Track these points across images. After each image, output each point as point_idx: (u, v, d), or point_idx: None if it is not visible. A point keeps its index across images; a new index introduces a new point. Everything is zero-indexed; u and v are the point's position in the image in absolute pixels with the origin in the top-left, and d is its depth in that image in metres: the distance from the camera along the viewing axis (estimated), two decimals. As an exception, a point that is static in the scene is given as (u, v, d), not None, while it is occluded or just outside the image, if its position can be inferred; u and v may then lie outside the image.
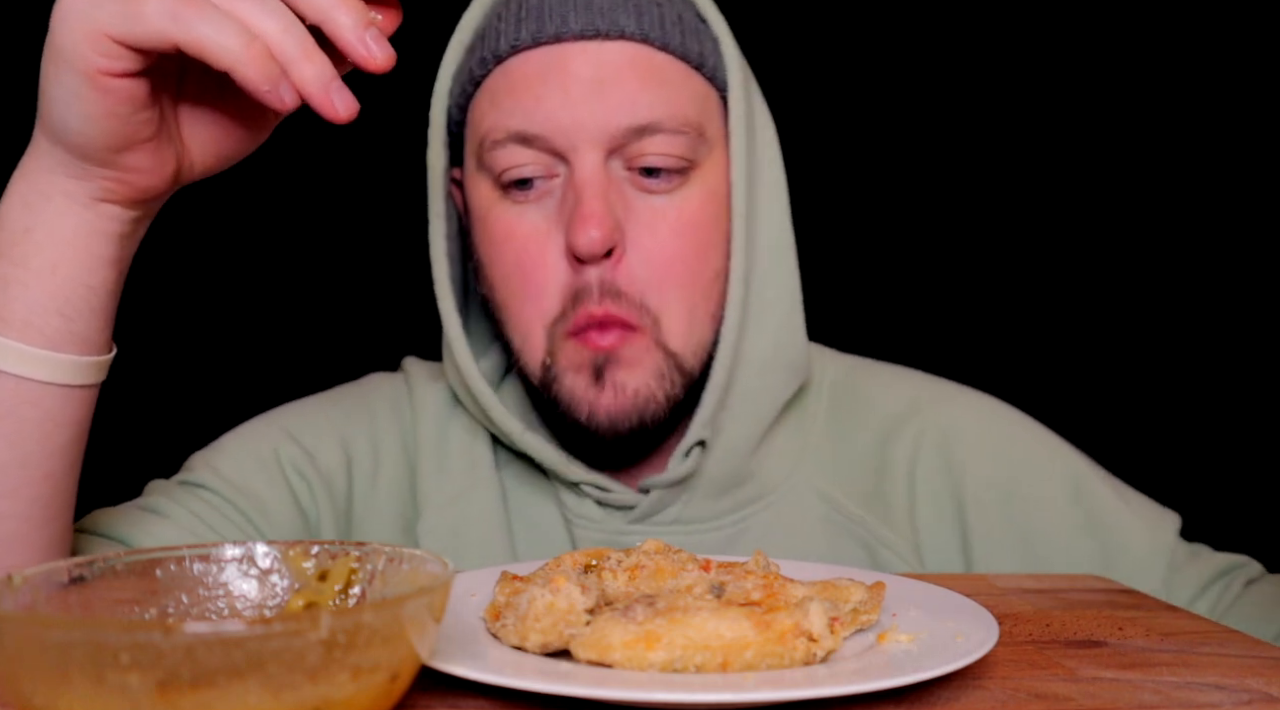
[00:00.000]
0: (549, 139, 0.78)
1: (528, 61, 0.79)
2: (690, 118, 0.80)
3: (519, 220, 0.80)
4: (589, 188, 0.77)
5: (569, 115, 0.77)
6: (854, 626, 0.57)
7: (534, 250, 0.79)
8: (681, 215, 0.80)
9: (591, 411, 0.80)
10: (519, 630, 0.53)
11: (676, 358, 0.81)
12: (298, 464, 0.89)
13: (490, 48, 0.81)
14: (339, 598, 0.53)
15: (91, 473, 0.72)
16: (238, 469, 0.87)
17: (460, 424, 0.92)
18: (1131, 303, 1.99)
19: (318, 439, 0.91)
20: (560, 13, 0.78)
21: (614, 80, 0.78)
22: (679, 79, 0.80)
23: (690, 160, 0.80)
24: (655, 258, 0.79)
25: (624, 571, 0.59)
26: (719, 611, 0.50)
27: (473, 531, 0.88)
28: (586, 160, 0.77)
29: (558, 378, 0.81)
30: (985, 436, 0.92)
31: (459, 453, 0.91)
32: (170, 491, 0.85)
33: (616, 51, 0.78)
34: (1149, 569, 0.86)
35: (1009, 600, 0.73)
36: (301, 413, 0.94)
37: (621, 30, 0.78)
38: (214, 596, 0.53)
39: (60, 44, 0.54)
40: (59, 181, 0.59)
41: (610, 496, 0.86)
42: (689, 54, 0.81)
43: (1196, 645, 0.62)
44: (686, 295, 0.81)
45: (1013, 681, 0.54)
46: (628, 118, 0.77)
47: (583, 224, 0.76)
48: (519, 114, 0.78)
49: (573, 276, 0.79)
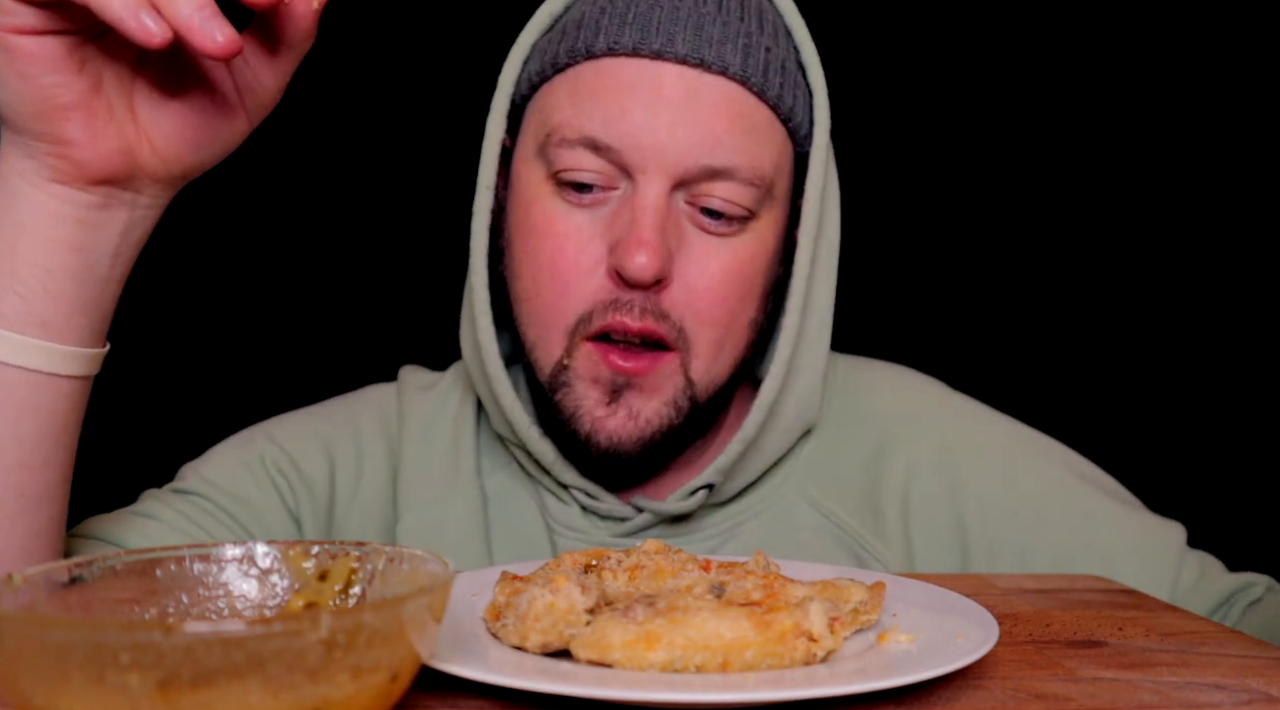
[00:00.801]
0: (622, 154, 0.75)
1: (622, 68, 0.76)
2: (765, 172, 0.78)
3: (564, 218, 0.78)
4: (650, 214, 0.74)
5: (650, 137, 0.74)
6: (854, 626, 0.57)
7: (572, 251, 0.77)
8: (733, 261, 0.78)
9: (594, 429, 0.78)
10: (519, 630, 0.53)
11: (694, 388, 0.80)
12: (280, 466, 0.89)
13: (585, 41, 0.77)
14: (339, 598, 0.53)
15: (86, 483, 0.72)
16: (227, 475, 0.88)
17: (444, 431, 0.91)
18: (1134, 308, 1.99)
19: (301, 445, 0.91)
20: (669, 30, 0.75)
21: (705, 116, 0.75)
22: (765, 129, 0.78)
23: (752, 212, 0.78)
24: (700, 294, 0.77)
25: (624, 571, 0.59)
26: (719, 611, 0.50)
27: (449, 535, 0.87)
28: (654, 185, 0.75)
29: (570, 384, 0.79)
30: (986, 452, 0.90)
31: (441, 459, 0.90)
32: (163, 498, 0.86)
33: (713, 86, 0.76)
34: (1151, 589, 0.85)
35: (1009, 600, 0.73)
36: (288, 422, 0.94)
37: (725, 67, 0.76)
38: (214, 596, 0.53)
39: None
40: (12, 162, 0.59)
41: (597, 505, 0.85)
42: (781, 105, 0.79)
43: (1196, 645, 0.62)
44: (720, 335, 0.79)
45: (1013, 681, 0.54)
46: (707, 157, 0.75)
47: (636, 248, 0.74)
48: (599, 120, 0.75)
49: (610, 288, 0.77)
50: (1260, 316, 1.96)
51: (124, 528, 0.81)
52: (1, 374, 0.60)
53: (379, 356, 1.14)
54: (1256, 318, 1.97)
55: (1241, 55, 1.94)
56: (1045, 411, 1.15)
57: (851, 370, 0.95)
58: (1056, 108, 1.98)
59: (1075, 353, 2.00)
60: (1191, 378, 1.99)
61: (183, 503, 0.85)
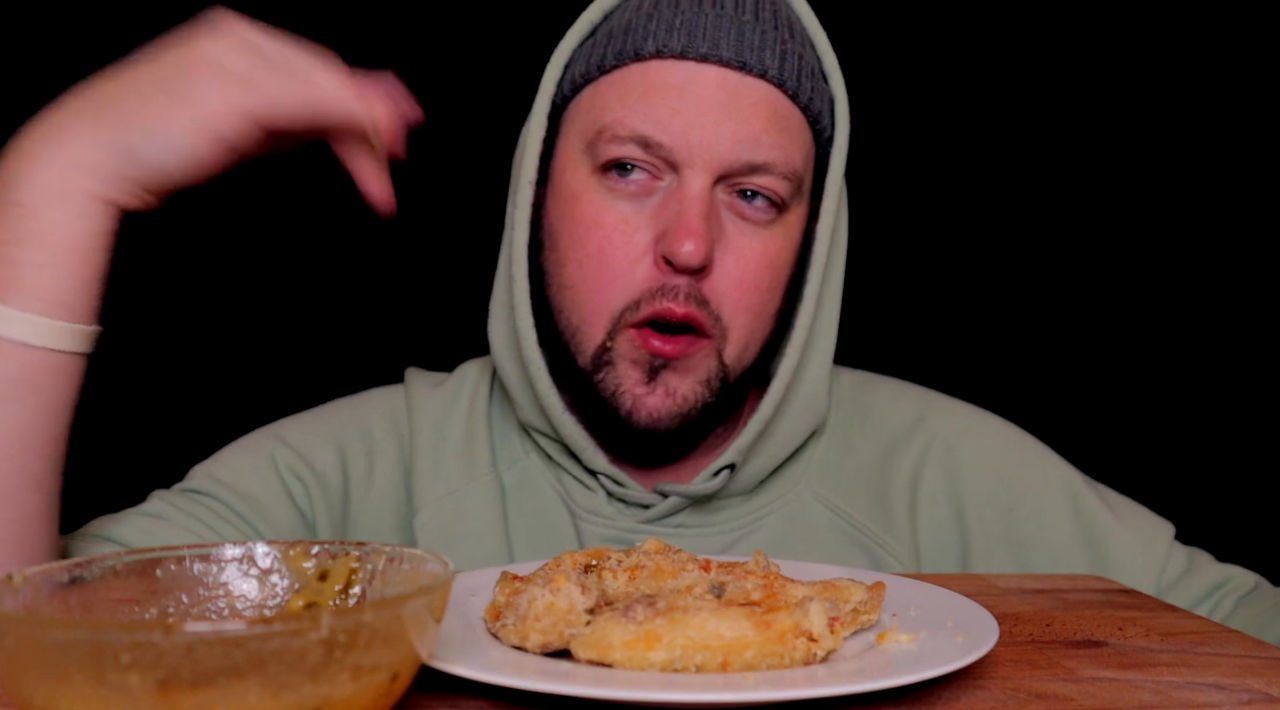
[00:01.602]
0: (671, 150, 0.80)
1: (670, 70, 0.81)
2: (797, 168, 0.83)
3: (610, 208, 0.82)
4: (697, 206, 0.79)
5: (699, 135, 0.79)
6: (854, 626, 0.57)
7: (619, 240, 0.81)
8: (766, 251, 0.83)
9: (635, 407, 0.82)
10: (519, 630, 0.53)
11: (726, 370, 0.84)
12: (293, 466, 0.90)
13: (635, 44, 0.82)
14: (339, 598, 0.53)
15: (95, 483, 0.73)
16: (236, 475, 0.89)
17: (457, 427, 0.93)
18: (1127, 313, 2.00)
19: (312, 443, 0.92)
20: (714, 36, 0.81)
21: (747, 115, 0.80)
22: (798, 129, 0.84)
23: (785, 203, 0.83)
24: (739, 282, 0.82)
25: (624, 571, 0.59)
26: (719, 611, 0.50)
27: (468, 526, 0.89)
28: (699, 178, 0.80)
29: (612, 363, 0.82)
30: (985, 451, 0.94)
31: (455, 453, 0.92)
32: (171, 498, 0.86)
33: (755, 88, 0.81)
34: (1141, 582, 0.88)
35: (1009, 600, 0.73)
36: (297, 423, 0.95)
37: (765, 70, 0.81)
38: (214, 596, 0.53)
39: (200, 112, 0.63)
40: (97, 188, 0.64)
41: (625, 492, 0.88)
42: (810, 108, 0.84)
43: (1196, 645, 0.62)
44: (752, 321, 0.84)
45: (1013, 681, 0.54)
46: (749, 152, 0.80)
47: (687, 236, 0.78)
48: (650, 120, 0.80)
49: (657, 275, 0.80)
50: (1252, 319, 1.97)
51: (131, 528, 0.81)
52: (42, 359, 0.63)
53: (382, 360, 1.14)
54: (1249, 320, 1.97)
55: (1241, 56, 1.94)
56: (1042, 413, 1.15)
57: (858, 383, 1.00)
58: (1054, 113, 1.98)
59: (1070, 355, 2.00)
60: (1184, 379, 1.99)
61: (192, 503, 0.85)
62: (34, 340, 0.63)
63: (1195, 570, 0.90)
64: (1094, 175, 1.99)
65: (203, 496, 0.87)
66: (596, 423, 0.87)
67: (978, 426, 0.96)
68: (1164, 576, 0.89)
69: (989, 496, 0.92)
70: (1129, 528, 0.91)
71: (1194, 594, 0.88)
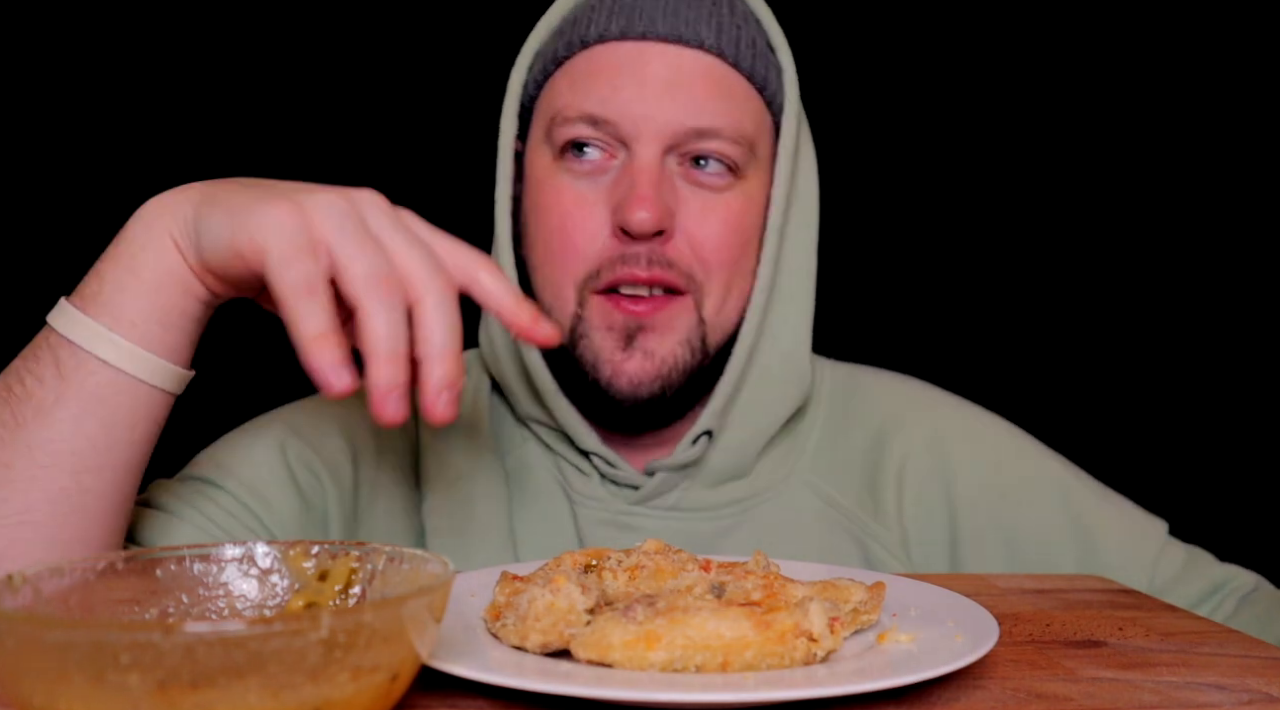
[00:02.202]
0: (617, 125, 0.83)
1: (612, 52, 0.85)
2: (746, 132, 0.86)
3: (568, 188, 0.86)
4: (646, 174, 0.82)
5: (641, 108, 0.83)
6: (854, 626, 0.57)
7: (578, 216, 0.85)
8: (728, 212, 0.86)
9: (615, 373, 0.84)
10: (519, 630, 0.53)
11: (705, 327, 0.86)
12: (303, 456, 0.90)
13: (579, 33, 0.86)
14: (339, 598, 0.53)
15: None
16: (242, 465, 0.88)
17: (461, 416, 0.94)
18: (1124, 309, 2.00)
19: (321, 431, 0.92)
20: (650, 14, 0.85)
21: (686, 84, 0.84)
22: (743, 96, 0.86)
23: (739, 166, 0.86)
24: (703, 242, 0.85)
25: (624, 571, 0.59)
26: (719, 611, 0.50)
27: (475, 510, 0.91)
28: (647, 150, 0.83)
29: (586, 334, 0.85)
30: (976, 442, 0.95)
31: (461, 439, 0.94)
32: (176, 490, 0.85)
33: (693, 59, 0.84)
34: (1132, 578, 0.88)
35: (1009, 600, 0.73)
36: (303, 409, 0.95)
37: (702, 41, 0.85)
38: (214, 596, 0.53)
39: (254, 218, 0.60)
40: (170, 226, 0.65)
41: (616, 473, 0.89)
42: (755, 75, 0.87)
43: (1196, 645, 0.62)
44: (726, 276, 0.86)
45: (1013, 681, 0.54)
46: (693, 119, 0.83)
47: (639, 203, 0.81)
48: (595, 99, 0.84)
49: (616, 245, 0.83)
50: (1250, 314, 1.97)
51: (140, 524, 0.81)
52: (136, 389, 0.66)
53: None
54: (1246, 315, 1.97)
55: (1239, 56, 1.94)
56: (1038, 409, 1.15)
57: (849, 373, 1.01)
58: (1050, 107, 1.98)
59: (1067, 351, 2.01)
60: (1181, 376, 1.99)
61: (198, 497, 0.84)
62: (111, 359, 0.64)
63: (1194, 570, 0.90)
64: (1092, 171, 2.00)
65: (209, 487, 0.86)
66: (584, 400, 0.88)
67: (969, 418, 0.97)
68: (1158, 574, 0.89)
69: (979, 487, 0.92)
70: (1120, 523, 0.91)
71: (1194, 594, 0.88)
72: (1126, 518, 0.92)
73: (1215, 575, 0.89)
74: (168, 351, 0.67)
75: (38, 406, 0.64)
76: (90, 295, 0.65)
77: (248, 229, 0.59)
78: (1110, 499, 0.94)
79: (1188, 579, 0.89)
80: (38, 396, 0.64)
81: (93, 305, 0.65)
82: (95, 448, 0.65)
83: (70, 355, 0.65)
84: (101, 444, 0.65)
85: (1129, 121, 1.98)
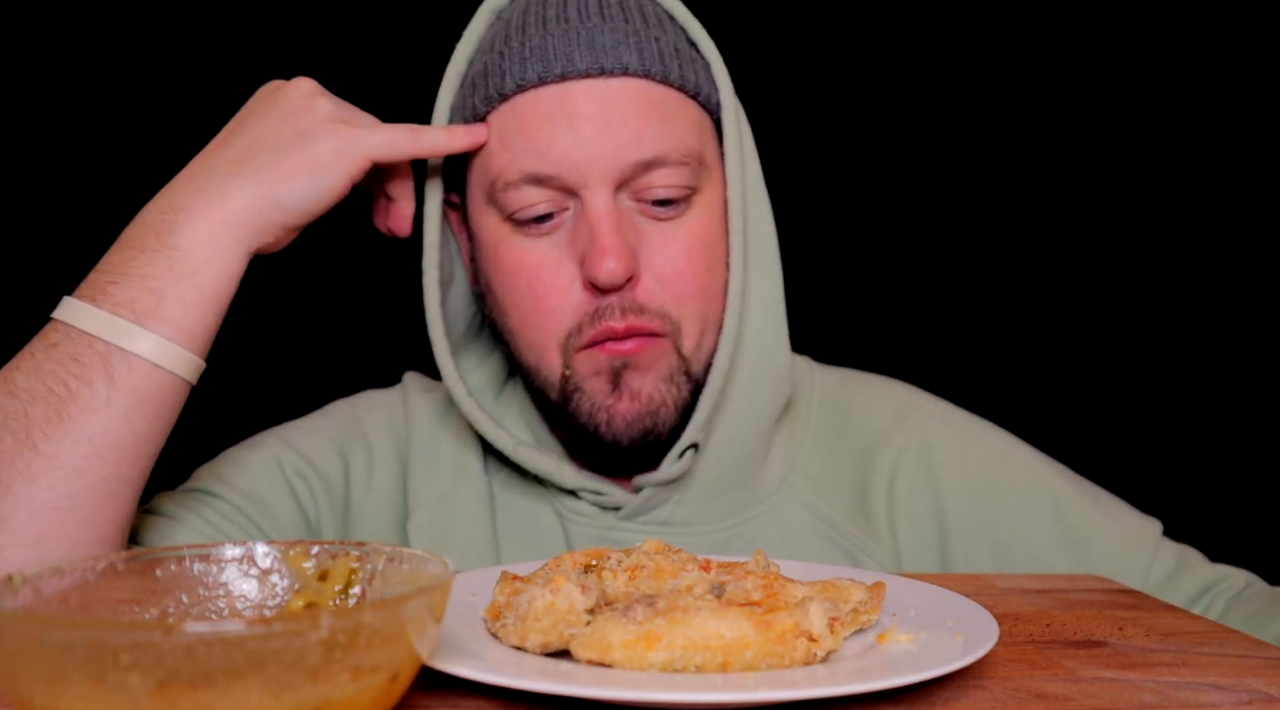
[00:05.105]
0: (562, 178, 0.80)
1: (536, 100, 0.81)
2: (692, 148, 0.83)
3: (530, 251, 0.83)
4: (604, 222, 0.80)
5: (580, 153, 0.79)
6: (854, 626, 0.57)
7: (547, 277, 0.82)
8: (690, 237, 0.83)
9: (609, 418, 0.83)
10: (519, 630, 0.53)
11: (687, 363, 0.84)
12: (298, 467, 0.91)
13: (495, 86, 0.82)
14: (339, 598, 0.53)
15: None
16: (242, 475, 0.90)
17: (451, 431, 0.94)
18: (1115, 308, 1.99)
19: (315, 445, 0.93)
20: (565, 52, 0.80)
21: (621, 117, 0.80)
22: (679, 110, 0.83)
23: (693, 187, 0.83)
24: (671, 277, 0.82)
25: (624, 571, 0.59)
26: (719, 611, 0.50)
27: (458, 529, 0.90)
28: (598, 195, 0.80)
29: (579, 387, 0.83)
30: (965, 451, 0.94)
31: (449, 456, 0.93)
32: (177, 499, 0.87)
33: (621, 88, 0.81)
34: (1125, 581, 0.88)
35: (1009, 600, 0.73)
36: (299, 426, 0.96)
37: (625, 67, 0.81)
38: (214, 596, 0.53)
39: (332, 160, 0.75)
40: (247, 236, 0.74)
41: (605, 498, 0.88)
42: (686, 84, 0.84)
43: (1196, 645, 0.62)
44: (700, 306, 0.84)
45: (1013, 681, 0.54)
46: (635, 153, 0.80)
47: (601, 257, 0.78)
48: (531, 155, 0.80)
49: (590, 299, 0.81)
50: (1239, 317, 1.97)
51: (140, 527, 0.83)
52: (161, 379, 0.71)
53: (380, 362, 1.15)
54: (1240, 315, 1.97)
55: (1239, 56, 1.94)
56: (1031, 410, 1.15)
57: (840, 381, 0.99)
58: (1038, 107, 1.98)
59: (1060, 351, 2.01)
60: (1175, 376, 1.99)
61: (200, 505, 0.86)
62: (168, 366, 0.71)
63: (1186, 570, 0.89)
64: (1083, 172, 1.99)
65: (210, 497, 0.87)
66: (579, 446, 0.88)
67: (957, 427, 0.96)
68: (1151, 576, 0.89)
69: (970, 497, 0.91)
70: (1113, 527, 0.91)
71: (1185, 594, 0.88)
72: (1119, 523, 0.91)
73: (1207, 575, 0.89)
74: (205, 350, 0.75)
75: (85, 405, 0.69)
76: (146, 310, 0.71)
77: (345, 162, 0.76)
78: (1102, 503, 0.93)
79: (1179, 580, 0.88)
80: (83, 397, 0.69)
81: (151, 319, 0.71)
82: (138, 439, 0.71)
83: (123, 361, 0.70)
84: (144, 436, 0.71)
85: (1118, 119, 1.98)
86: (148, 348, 0.70)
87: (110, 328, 0.70)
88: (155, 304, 0.71)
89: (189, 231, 0.73)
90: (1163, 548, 0.91)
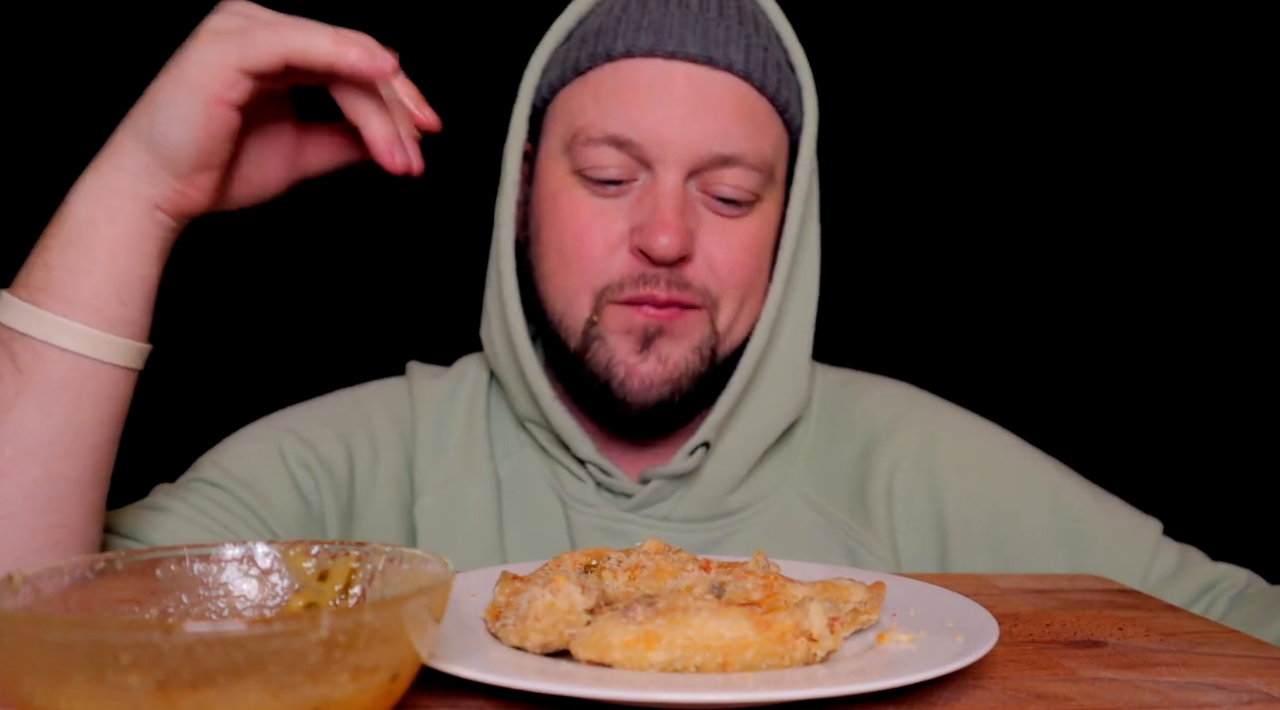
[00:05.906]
0: (643, 148, 0.82)
1: (639, 69, 0.83)
2: (767, 158, 0.86)
3: (588, 203, 0.85)
4: (670, 199, 0.82)
5: (668, 130, 0.82)
6: (854, 626, 0.57)
7: (598, 230, 0.84)
8: (746, 235, 0.86)
9: (628, 374, 0.84)
10: (519, 630, 0.53)
11: (718, 338, 0.87)
12: (301, 456, 0.91)
13: (605, 45, 0.84)
14: (339, 598, 0.53)
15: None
16: (242, 464, 0.89)
17: (458, 418, 0.95)
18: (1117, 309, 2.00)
19: (318, 433, 0.93)
20: (679, 33, 0.83)
21: (714, 108, 0.83)
22: (766, 120, 0.86)
23: (758, 194, 0.86)
24: (720, 264, 0.85)
25: (624, 571, 0.59)
26: (719, 611, 0.50)
27: (465, 515, 0.91)
28: (671, 174, 0.82)
29: (601, 337, 0.85)
30: (965, 451, 0.94)
31: (455, 443, 0.94)
32: (178, 492, 0.87)
33: (721, 82, 0.83)
34: (1125, 581, 0.88)
35: (1009, 600, 0.73)
36: (301, 413, 0.96)
37: (730, 64, 0.83)
38: (214, 596, 0.53)
39: (190, 74, 0.65)
40: (131, 183, 0.67)
41: (611, 481, 0.89)
42: (779, 99, 0.87)
43: (1196, 645, 0.62)
44: (741, 293, 0.87)
45: (1013, 681, 0.54)
46: (718, 145, 0.83)
47: (660, 230, 0.81)
48: (621, 119, 0.82)
49: (635, 264, 0.83)
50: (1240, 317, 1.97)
51: (139, 521, 0.82)
52: (97, 370, 0.66)
53: (382, 356, 1.14)
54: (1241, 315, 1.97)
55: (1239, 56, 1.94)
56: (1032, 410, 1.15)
57: (842, 381, 1.01)
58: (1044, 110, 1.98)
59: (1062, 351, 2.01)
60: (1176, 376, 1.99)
61: (196, 496, 0.86)
62: (72, 347, 0.65)
63: (1187, 569, 0.89)
64: (1085, 175, 2.00)
65: (208, 486, 0.87)
66: (589, 405, 0.89)
67: (958, 426, 0.96)
68: (1151, 575, 0.89)
69: (971, 496, 0.92)
70: (1112, 528, 0.91)
71: (1186, 593, 0.88)
72: (1119, 523, 0.91)
73: (1207, 575, 0.89)
74: (127, 328, 0.68)
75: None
76: (39, 285, 0.65)
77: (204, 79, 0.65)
78: (1103, 502, 0.93)
79: (1180, 580, 0.89)
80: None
81: (43, 295, 0.65)
82: (64, 436, 0.66)
83: (26, 348, 0.65)
84: (69, 431, 0.66)
85: (1120, 124, 1.98)
86: (46, 329, 0.64)
87: (9, 311, 0.65)
88: (45, 278, 0.65)
89: (77, 193, 0.67)
90: (1163, 547, 0.91)
